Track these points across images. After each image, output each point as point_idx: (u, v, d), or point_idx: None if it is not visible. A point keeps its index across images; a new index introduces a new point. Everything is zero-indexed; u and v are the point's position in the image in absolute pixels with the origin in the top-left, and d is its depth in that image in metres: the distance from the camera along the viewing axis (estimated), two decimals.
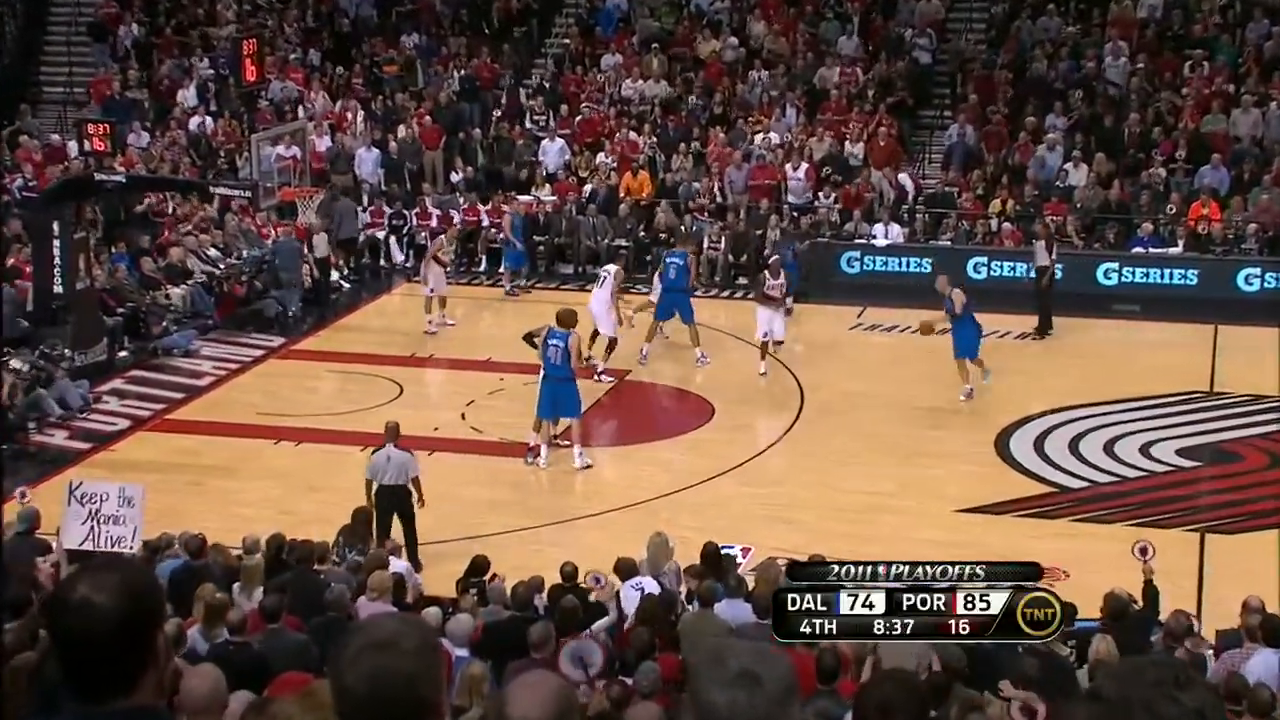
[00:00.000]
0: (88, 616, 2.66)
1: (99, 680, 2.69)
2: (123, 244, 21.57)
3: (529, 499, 15.30)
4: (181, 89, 27.17)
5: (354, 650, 2.61)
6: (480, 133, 26.42)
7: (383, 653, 2.59)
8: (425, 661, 2.62)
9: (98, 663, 2.68)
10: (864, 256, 22.79)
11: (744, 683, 2.49)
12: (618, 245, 24.02)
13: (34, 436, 16.89)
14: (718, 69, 26.91)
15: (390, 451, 13.30)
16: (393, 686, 2.57)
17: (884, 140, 24.73)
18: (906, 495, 15.32)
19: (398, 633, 2.63)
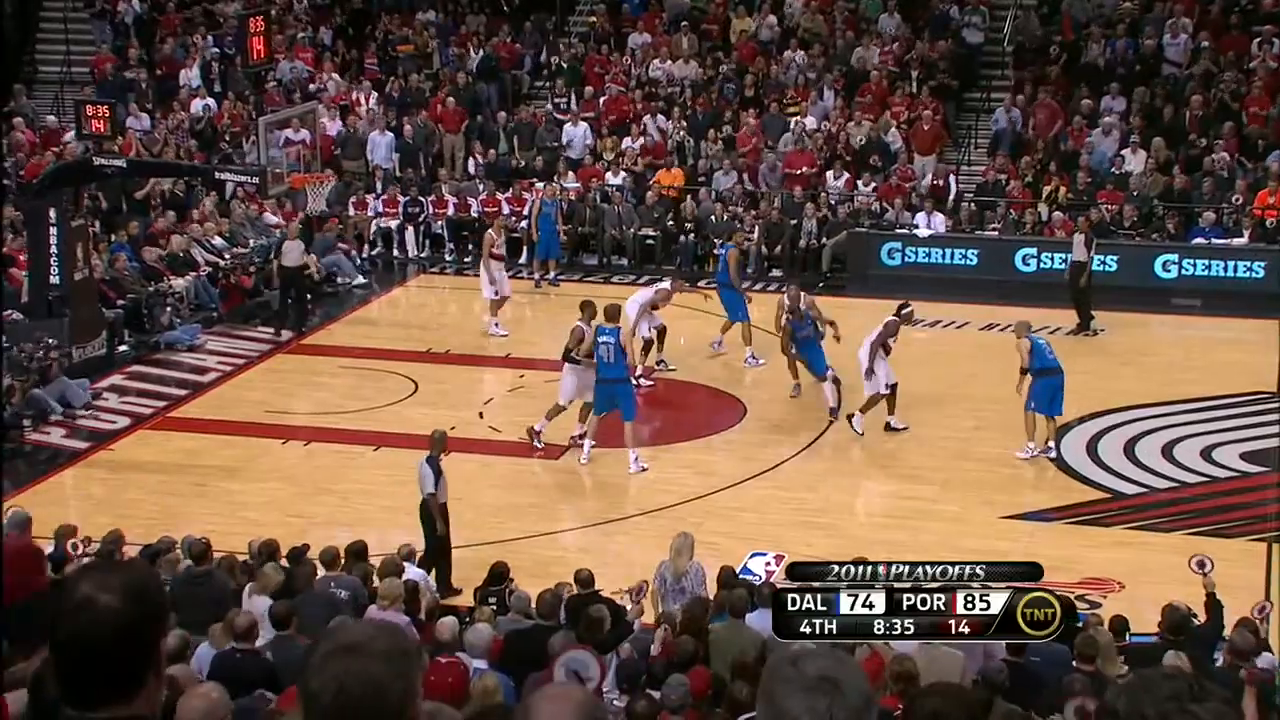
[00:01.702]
0: (90, 616, 2.65)
1: (98, 685, 2.68)
2: (124, 232, 21.67)
3: (550, 502, 15.32)
4: (185, 69, 27.28)
5: (321, 654, 2.58)
6: (503, 116, 26.45)
7: (350, 657, 2.56)
8: (396, 667, 2.59)
9: (98, 666, 2.67)
10: (905, 248, 22.74)
11: (825, 688, 2.50)
12: (644, 235, 24.05)
13: (30, 435, 16.99)
14: (751, 49, 26.87)
15: (420, 462, 13.31)
16: (360, 694, 2.54)
17: (927, 125, 24.66)
18: (949, 500, 15.27)
19: (368, 636, 2.61)
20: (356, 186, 25.01)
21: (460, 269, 23.81)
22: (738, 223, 23.73)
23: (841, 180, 24.07)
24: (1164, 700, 2.32)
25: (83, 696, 2.69)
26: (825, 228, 23.44)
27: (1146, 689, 2.36)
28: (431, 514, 13.04)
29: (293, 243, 20.69)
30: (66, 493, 15.96)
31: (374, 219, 24.56)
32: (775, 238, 23.52)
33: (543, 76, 27.95)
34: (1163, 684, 2.36)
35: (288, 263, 20.53)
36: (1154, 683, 2.37)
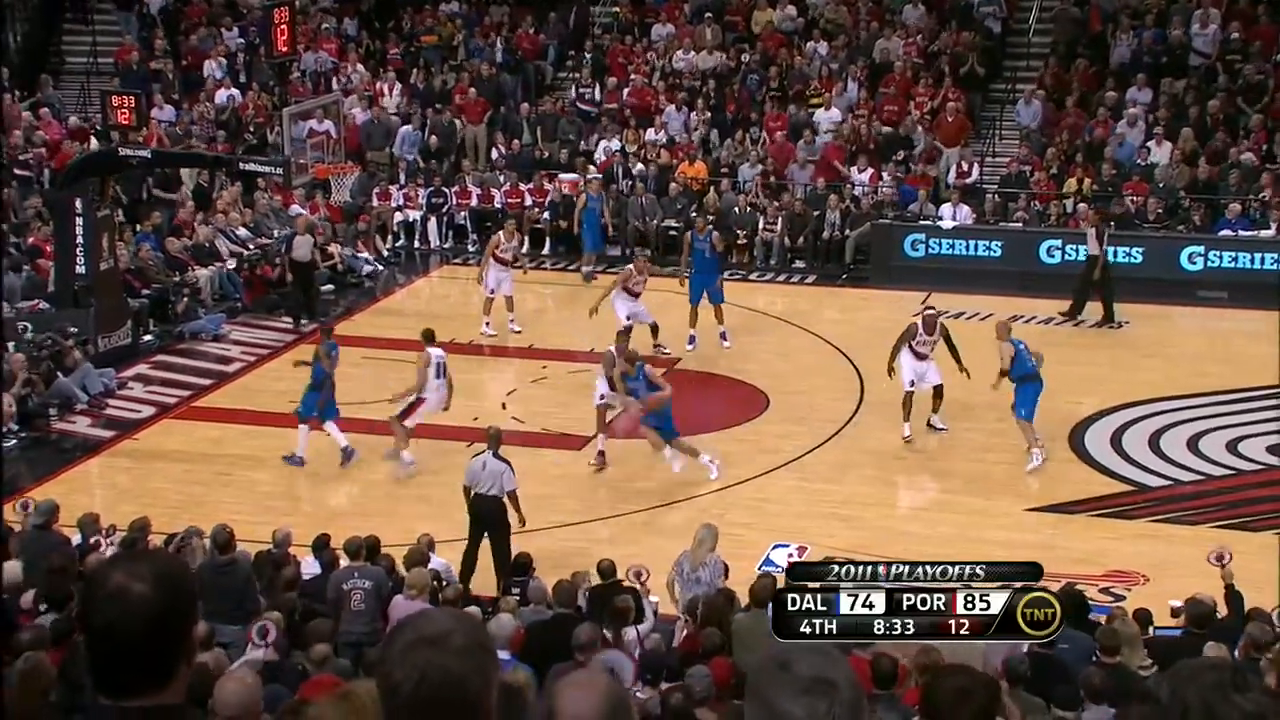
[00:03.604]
0: (124, 605, 2.66)
1: (132, 674, 2.69)
2: (148, 223, 21.75)
3: (572, 493, 15.31)
4: (210, 60, 27.35)
5: (403, 645, 2.58)
6: (526, 107, 26.44)
7: (433, 649, 2.57)
8: (476, 660, 2.60)
9: (132, 654, 2.68)
10: (929, 239, 22.65)
11: (821, 689, 2.49)
12: (668, 226, 24.02)
13: (55, 424, 17.08)
14: (775, 40, 26.80)
15: (487, 459, 13.17)
16: (443, 685, 2.55)
17: (951, 116, 24.56)
18: (972, 492, 15.24)
19: (449, 629, 2.61)
20: (380, 178, 25.05)
21: None
22: (760, 214, 23.71)
23: (866, 174, 23.98)
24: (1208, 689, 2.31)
25: (117, 685, 2.70)
26: (848, 219, 23.38)
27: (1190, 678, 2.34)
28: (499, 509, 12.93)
29: (303, 237, 20.63)
30: (92, 481, 16.06)
31: (396, 210, 24.59)
32: (798, 229, 23.46)
33: (566, 67, 27.93)
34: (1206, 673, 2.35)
35: (298, 257, 20.56)
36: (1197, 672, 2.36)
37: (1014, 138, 25.05)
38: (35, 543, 11.30)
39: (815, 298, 22.23)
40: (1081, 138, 24.05)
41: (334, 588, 10.68)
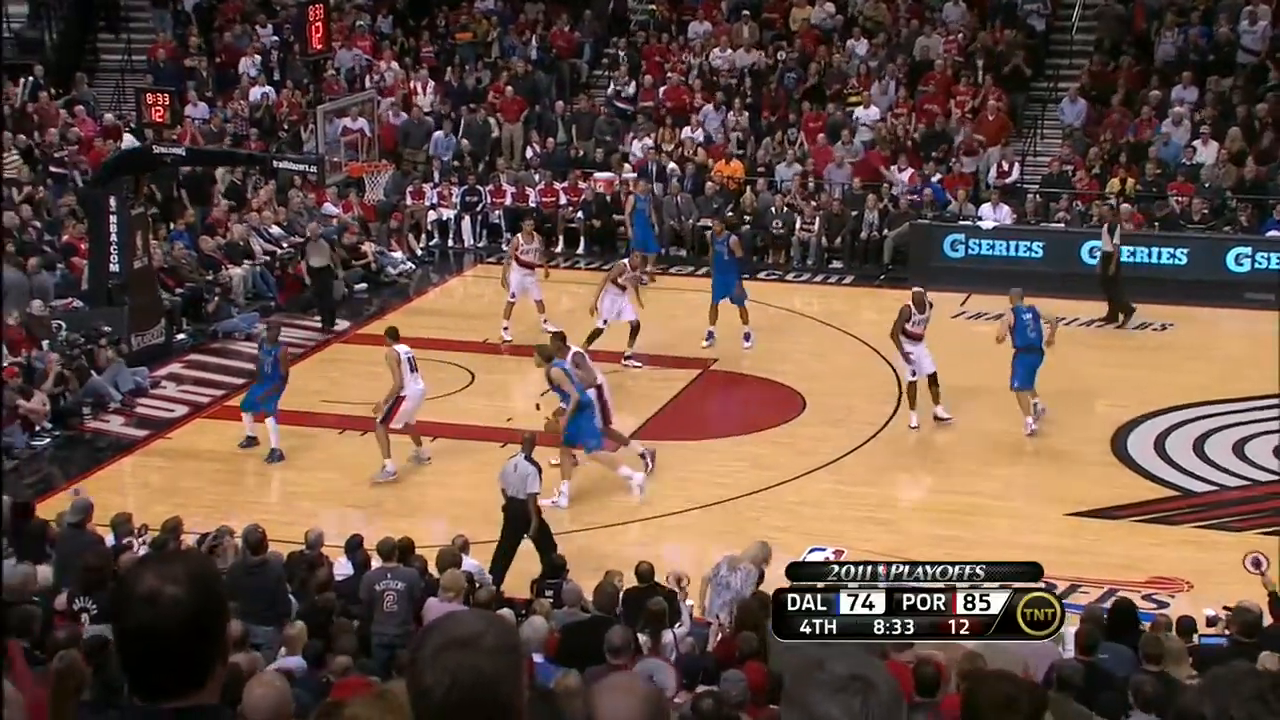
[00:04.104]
0: (157, 607, 2.67)
1: (167, 675, 2.70)
2: (182, 221, 21.88)
3: (608, 496, 15.30)
4: (245, 57, 27.50)
5: (433, 647, 2.58)
6: (561, 105, 26.47)
7: (464, 651, 2.57)
8: (507, 662, 2.60)
9: (166, 656, 2.69)
10: (968, 239, 22.55)
11: (857, 688, 2.48)
12: (703, 226, 24.00)
13: (89, 423, 17.21)
14: (813, 37, 26.75)
15: (519, 461, 13.20)
16: (475, 687, 2.55)
17: (992, 115, 24.45)
18: (1012, 496, 15.16)
19: (479, 630, 2.61)
20: (414, 176, 25.13)
21: None
22: (797, 214, 23.66)
23: (906, 174, 23.90)
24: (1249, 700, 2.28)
25: (152, 688, 2.71)
26: (886, 219, 23.31)
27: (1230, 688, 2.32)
28: (528, 513, 12.98)
29: (317, 244, 20.57)
30: (125, 481, 16.16)
31: (430, 209, 24.67)
32: (836, 229, 23.41)
33: (602, 65, 27.96)
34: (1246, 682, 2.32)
35: (314, 263, 20.53)
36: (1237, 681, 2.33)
37: (1056, 137, 24.91)
38: (69, 541, 11.39)
39: (852, 298, 22.17)
40: (1125, 137, 23.90)
41: (366, 589, 10.72)
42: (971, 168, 24.16)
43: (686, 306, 19.89)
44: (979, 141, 24.23)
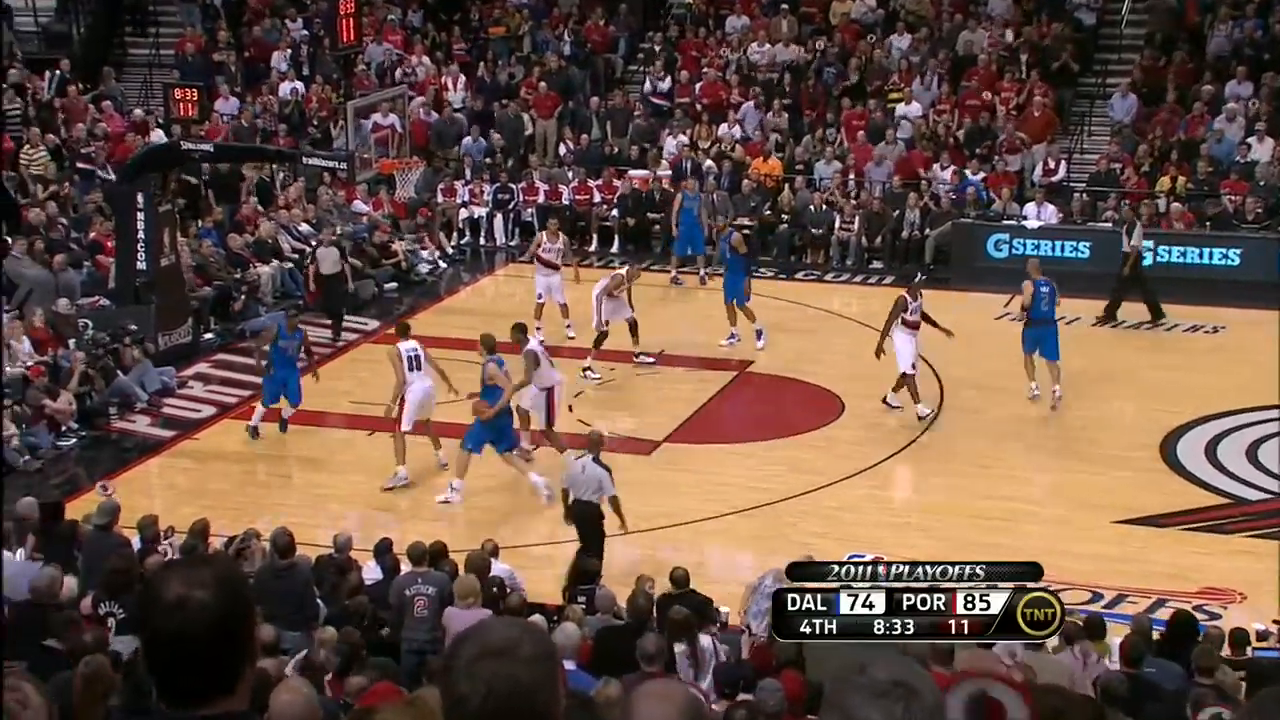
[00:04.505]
0: (185, 613, 2.68)
1: (197, 681, 2.71)
2: (209, 218, 22.00)
3: (643, 499, 15.28)
4: (276, 51, 27.63)
5: (468, 657, 2.59)
6: (596, 101, 26.49)
7: (500, 660, 2.57)
8: (543, 671, 2.60)
9: (195, 662, 2.70)
10: (1013, 239, 22.46)
11: (899, 694, 2.48)
12: (741, 225, 23.97)
13: (115, 423, 17.33)
14: (853, 31, 26.69)
15: (587, 463, 13.18)
16: (511, 697, 2.55)
17: (1038, 111, 24.34)
18: (1057, 503, 15.08)
19: (514, 640, 2.61)
20: (445, 173, 25.20)
21: None
22: (836, 212, 23.61)
23: (948, 172, 23.82)
24: None
25: (181, 693, 2.73)
26: (928, 218, 23.23)
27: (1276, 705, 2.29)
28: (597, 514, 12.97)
29: (327, 250, 20.48)
30: (151, 482, 16.25)
31: (462, 206, 24.73)
32: (876, 229, 23.35)
33: (637, 60, 27.97)
34: None
35: (325, 270, 20.47)
36: None
37: (1104, 133, 24.78)
38: (96, 543, 11.46)
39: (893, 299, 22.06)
40: (1176, 134, 23.75)
41: (397, 594, 10.75)
42: (1016, 166, 24.05)
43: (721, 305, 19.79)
44: (1022, 140, 24.11)
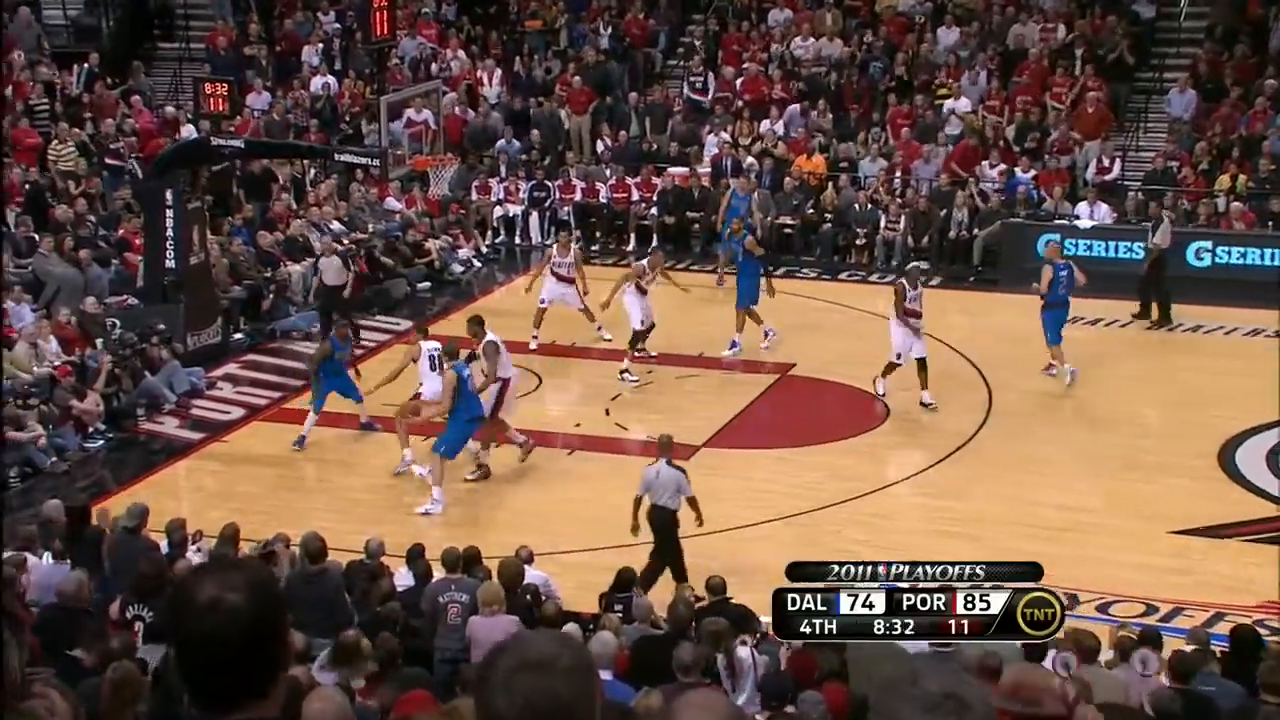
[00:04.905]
0: (219, 617, 2.70)
1: (230, 686, 2.72)
2: (239, 216, 22.10)
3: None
4: (307, 45, 27.76)
5: (505, 670, 2.59)
6: (634, 97, 26.51)
7: (538, 674, 2.57)
8: (582, 685, 2.61)
9: (229, 667, 2.72)
10: (1064, 240, 22.29)
11: (950, 707, 2.48)
12: (783, 224, 23.95)
13: (143, 424, 17.44)
14: (900, 25, 26.61)
15: (661, 467, 13.17)
16: (550, 712, 2.56)
17: (1092, 107, 24.20)
18: (1111, 513, 14.98)
19: (552, 653, 2.61)
20: (480, 171, 25.26)
21: (587, 257, 23.85)
22: (881, 211, 23.54)
23: (996, 170, 23.71)
24: None
25: (214, 698, 2.74)
26: (977, 217, 23.14)
27: None
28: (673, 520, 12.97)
29: (329, 259, 20.07)
30: (179, 485, 16.36)
31: (496, 204, 24.78)
32: (922, 228, 23.27)
33: (677, 55, 27.97)
34: None
35: (328, 281, 19.98)
36: None
37: (1160, 130, 24.61)
38: (123, 547, 11.54)
39: (940, 301, 21.93)
40: (1237, 130, 23.57)
41: (429, 600, 10.76)
42: (1069, 163, 23.92)
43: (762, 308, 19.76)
44: (1074, 140, 23.96)
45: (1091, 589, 13.11)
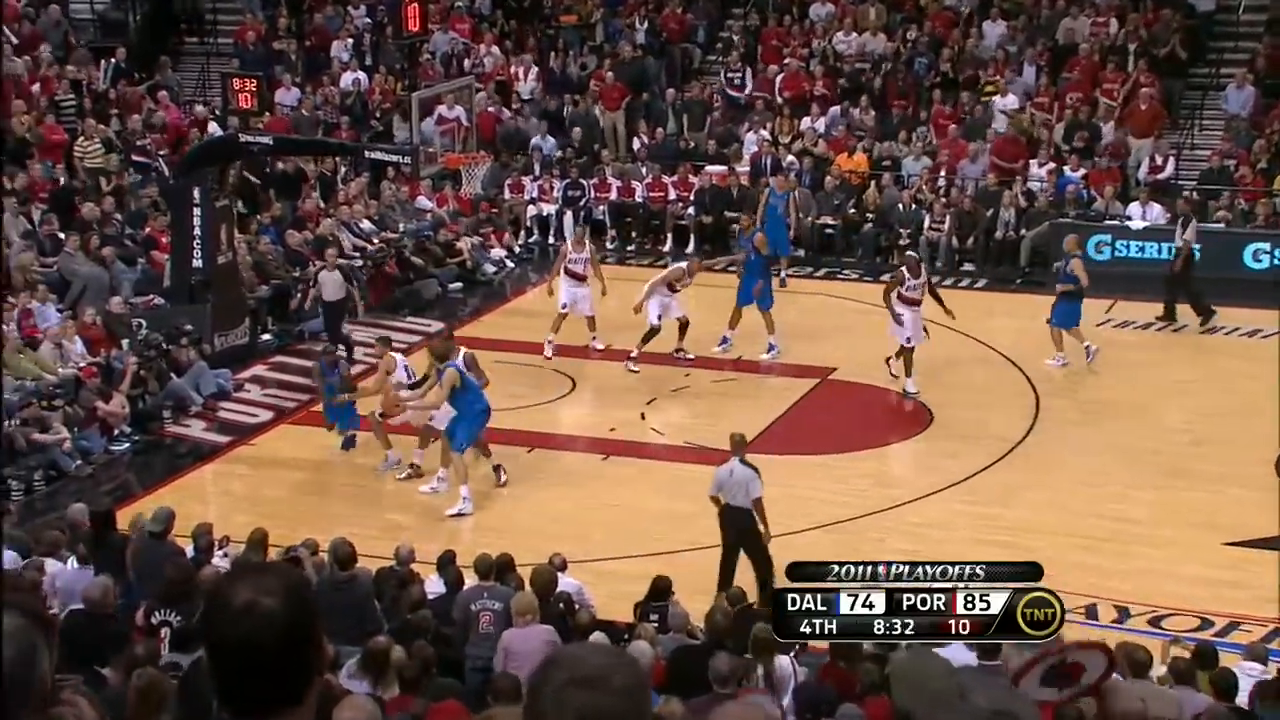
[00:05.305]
0: (254, 622, 2.71)
1: (265, 692, 2.74)
2: (267, 214, 22.19)
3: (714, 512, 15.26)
4: (337, 40, 27.87)
5: (557, 685, 2.59)
6: (671, 93, 26.51)
7: (590, 690, 2.57)
8: (636, 703, 2.60)
9: (264, 672, 2.73)
10: (1115, 241, 22.24)
11: None
12: (823, 224, 23.91)
13: (169, 427, 17.55)
14: (946, 20, 26.54)
15: (735, 466, 13.18)
16: None
17: (1145, 104, 24.06)
18: (1163, 523, 14.89)
19: (606, 668, 2.61)
20: (513, 169, 25.30)
21: (623, 258, 23.93)
22: (925, 211, 23.48)
23: (1045, 168, 23.61)
24: None
25: (248, 704, 2.75)
26: (1024, 218, 23.04)
27: None
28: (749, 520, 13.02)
29: (330, 274, 19.37)
30: (206, 489, 16.44)
31: (530, 203, 24.82)
32: (968, 229, 23.19)
33: (715, 50, 27.97)
34: None
35: (326, 296, 19.32)
36: None
37: (1217, 128, 24.46)
38: (148, 552, 11.61)
39: (986, 303, 21.93)
40: None
41: (461, 608, 10.80)
42: (1120, 162, 23.80)
43: (802, 310, 19.81)
44: (1126, 145, 23.80)
45: (1144, 602, 13.04)
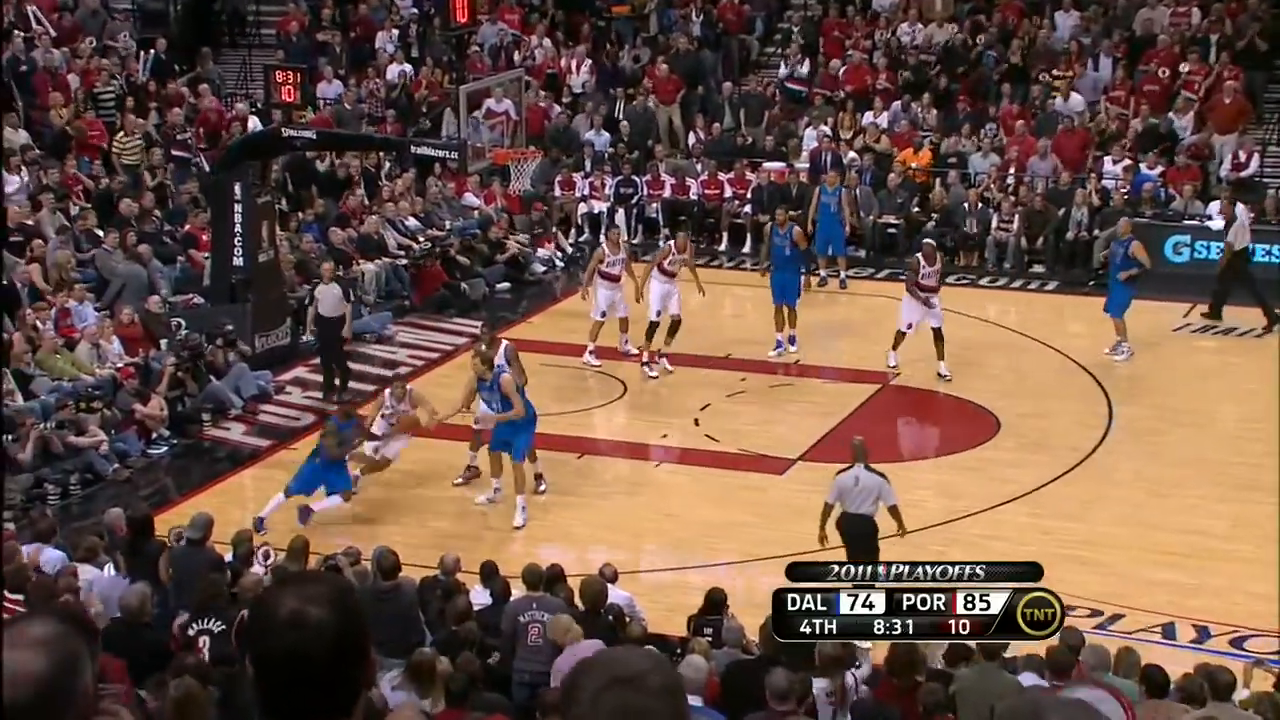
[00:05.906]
0: (303, 632, 2.75)
1: (314, 703, 2.78)
2: (310, 211, 22.32)
3: (771, 522, 15.29)
4: (382, 31, 28.03)
5: (595, 686, 2.62)
6: (728, 87, 26.52)
7: (627, 691, 2.60)
8: (673, 705, 2.63)
9: (313, 684, 2.76)
10: (1195, 241, 22.06)
11: None
12: (885, 223, 23.86)
13: (208, 430, 17.69)
14: (1016, 9, 26.42)
15: (860, 473, 13.19)
16: None
17: (1228, 98, 23.86)
18: (1242, 538, 14.79)
19: (642, 669, 2.64)
20: (564, 165, 25.36)
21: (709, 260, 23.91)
22: (993, 210, 23.38)
23: (1120, 165, 23.46)
24: None
25: (296, 716, 2.79)
26: (1098, 217, 22.90)
27: None
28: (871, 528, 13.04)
29: (327, 287, 18.64)
30: (245, 494, 16.57)
31: (581, 201, 24.87)
32: (1038, 228, 23.07)
33: (774, 42, 27.95)
34: None
35: (324, 312, 18.54)
36: None
37: None
38: (186, 558, 11.72)
39: (1056, 307, 21.84)
40: None
41: (509, 620, 10.84)
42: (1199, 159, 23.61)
43: (862, 311, 19.79)
44: (1208, 146, 23.60)
45: (1224, 621, 12.96)
